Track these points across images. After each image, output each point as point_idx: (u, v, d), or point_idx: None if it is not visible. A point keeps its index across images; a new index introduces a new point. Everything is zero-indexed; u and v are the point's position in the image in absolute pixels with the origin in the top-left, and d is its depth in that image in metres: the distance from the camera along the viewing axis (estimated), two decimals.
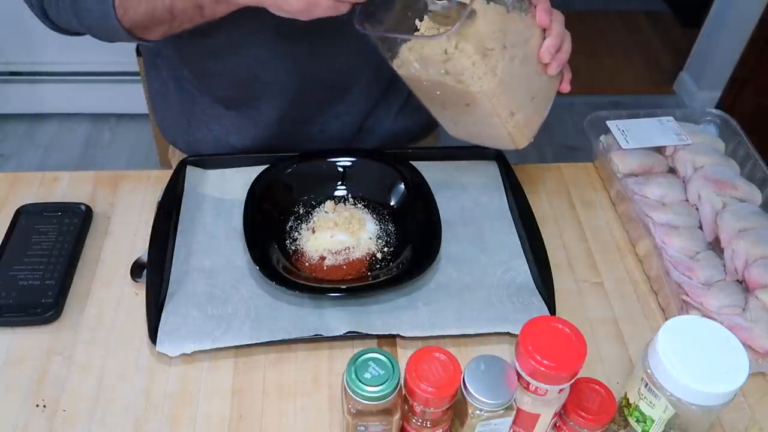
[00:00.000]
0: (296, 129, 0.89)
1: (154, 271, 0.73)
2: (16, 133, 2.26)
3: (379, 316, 0.71)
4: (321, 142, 0.90)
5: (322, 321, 0.70)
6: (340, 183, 0.85)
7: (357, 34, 0.76)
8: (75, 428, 0.62)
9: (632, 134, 0.90)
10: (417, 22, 0.69)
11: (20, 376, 0.66)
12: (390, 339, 0.70)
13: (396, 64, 0.70)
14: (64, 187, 0.86)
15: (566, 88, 0.75)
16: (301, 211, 0.83)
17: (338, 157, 0.85)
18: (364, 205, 0.83)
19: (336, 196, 0.84)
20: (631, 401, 0.58)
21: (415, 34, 0.68)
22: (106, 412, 0.64)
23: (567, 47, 0.71)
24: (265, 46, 0.79)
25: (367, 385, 0.53)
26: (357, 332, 0.69)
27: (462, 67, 0.65)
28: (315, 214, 0.82)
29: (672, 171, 0.89)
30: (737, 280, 0.76)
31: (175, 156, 1.00)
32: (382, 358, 0.55)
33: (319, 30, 0.75)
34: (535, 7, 0.69)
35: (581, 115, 0.94)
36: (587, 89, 2.60)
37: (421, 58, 0.67)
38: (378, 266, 0.77)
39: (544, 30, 0.70)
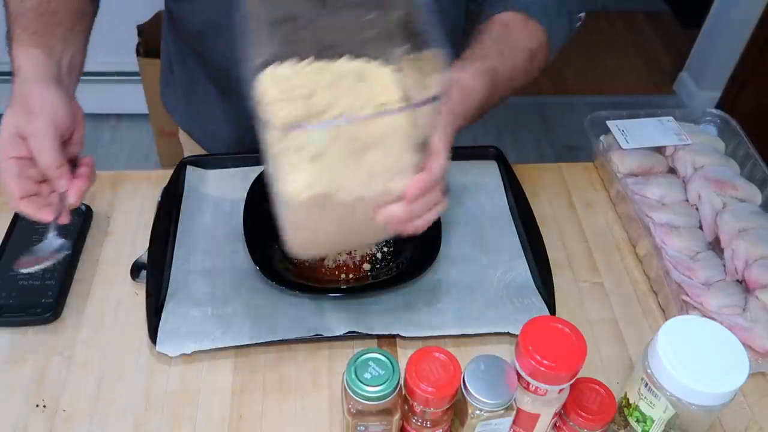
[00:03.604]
0: None
1: (154, 271, 0.73)
2: None
3: (379, 316, 0.71)
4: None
5: (322, 321, 0.70)
6: None
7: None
8: (75, 428, 0.62)
9: (632, 134, 0.90)
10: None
11: (20, 376, 0.66)
12: (390, 339, 0.70)
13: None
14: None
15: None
16: None
17: None
18: None
19: None
20: (631, 401, 0.58)
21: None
22: (106, 412, 0.64)
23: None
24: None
25: (367, 385, 0.53)
26: (357, 332, 0.69)
27: None
28: None
29: (672, 171, 0.89)
30: (737, 280, 0.76)
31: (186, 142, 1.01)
32: (382, 358, 0.55)
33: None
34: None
35: (581, 115, 0.94)
36: (587, 89, 2.60)
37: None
38: (378, 266, 0.77)
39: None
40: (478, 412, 0.54)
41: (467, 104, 0.64)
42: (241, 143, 0.90)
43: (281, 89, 0.56)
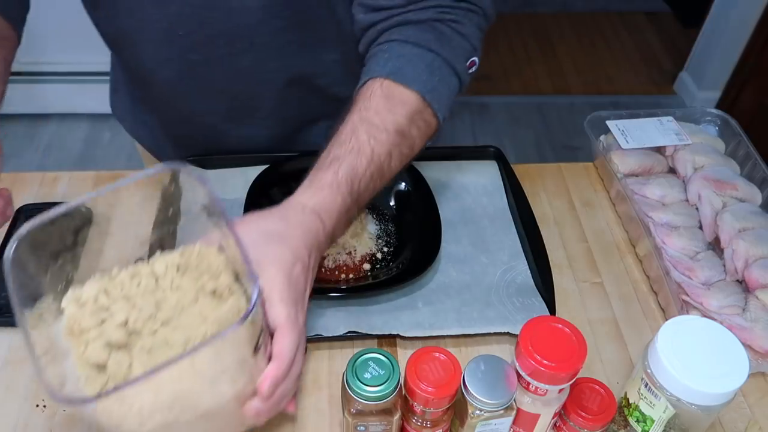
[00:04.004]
0: (208, 135, 0.87)
1: None
2: (16, 133, 2.26)
3: (379, 316, 0.71)
4: (240, 150, 0.88)
5: (322, 321, 0.70)
6: None
7: (254, 52, 0.73)
8: (75, 428, 0.62)
9: (632, 134, 0.90)
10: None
11: (20, 376, 0.66)
12: (390, 339, 0.70)
13: None
14: (64, 187, 0.86)
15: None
16: None
17: None
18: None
19: None
20: (631, 401, 0.58)
21: None
22: None
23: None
24: (154, 45, 0.76)
25: (367, 385, 0.53)
26: (357, 332, 0.69)
27: None
28: None
29: (672, 171, 0.89)
30: (737, 280, 0.76)
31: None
32: (382, 358, 0.55)
33: (213, 39, 0.73)
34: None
35: (581, 115, 0.94)
36: (587, 89, 2.60)
37: None
38: (378, 266, 0.77)
39: None
40: (478, 412, 0.54)
41: (327, 228, 0.60)
42: (186, 150, 0.91)
43: (91, 313, 0.48)
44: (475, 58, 0.72)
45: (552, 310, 0.72)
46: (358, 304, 0.72)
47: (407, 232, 0.80)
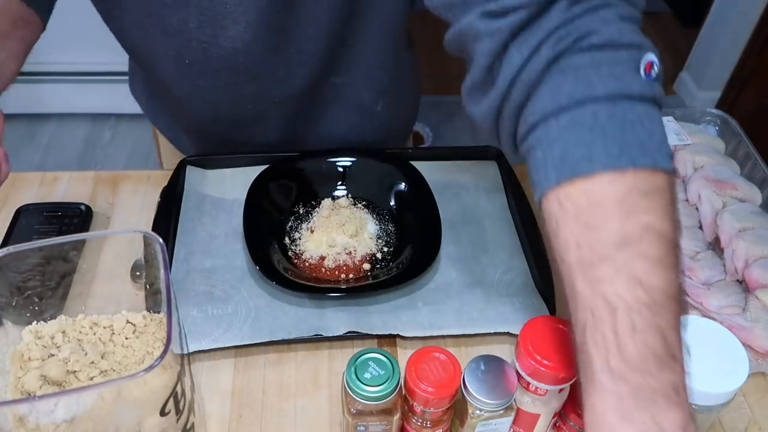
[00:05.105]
0: (222, 135, 0.88)
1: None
2: (16, 133, 2.26)
3: (379, 316, 0.71)
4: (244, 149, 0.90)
5: (322, 321, 0.70)
6: (340, 183, 0.85)
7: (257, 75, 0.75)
8: None
9: None
10: None
11: None
12: (390, 339, 0.70)
13: None
14: (64, 187, 0.86)
15: None
16: (301, 211, 0.83)
17: (338, 156, 0.85)
18: (364, 205, 0.83)
19: (336, 196, 0.84)
20: None
21: None
22: None
23: None
24: (169, 68, 0.78)
25: (367, 385, 0.53)
26: (357, 332, 0.69)
27: None
28: (315, 213, 0.82)
29: None
30: (737, 280, 0.76)
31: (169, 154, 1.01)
32: (382, 358, 0.55)
33: (218, 71, 0.75)
34: None
35: None
36: None
37: None
38: (378, 266, 0.77)
39: None
40: (478, 412, 0.54)
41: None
42: (200, 141, 0.92)
43: (42, 347, 0.52)
44: (648, 57, 0.48)
45: (552, 310, 0.72)
46: (358, 304, 0.72)
47: (407, 232, 0.80)
